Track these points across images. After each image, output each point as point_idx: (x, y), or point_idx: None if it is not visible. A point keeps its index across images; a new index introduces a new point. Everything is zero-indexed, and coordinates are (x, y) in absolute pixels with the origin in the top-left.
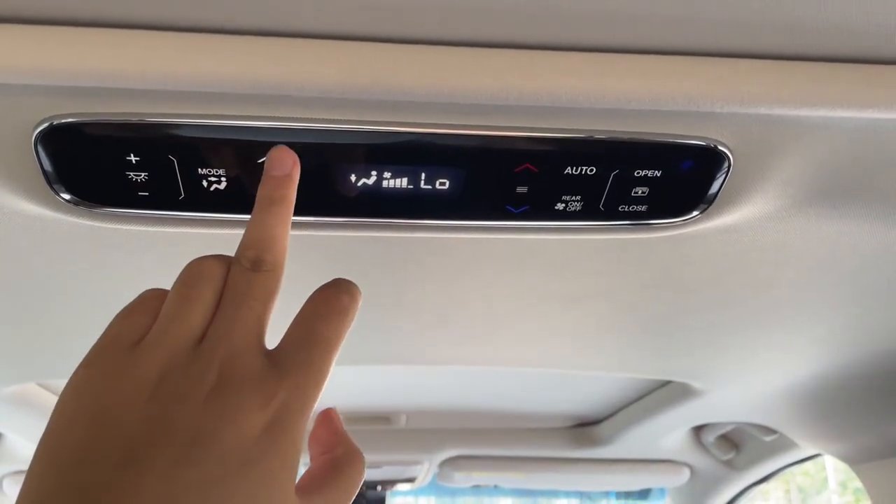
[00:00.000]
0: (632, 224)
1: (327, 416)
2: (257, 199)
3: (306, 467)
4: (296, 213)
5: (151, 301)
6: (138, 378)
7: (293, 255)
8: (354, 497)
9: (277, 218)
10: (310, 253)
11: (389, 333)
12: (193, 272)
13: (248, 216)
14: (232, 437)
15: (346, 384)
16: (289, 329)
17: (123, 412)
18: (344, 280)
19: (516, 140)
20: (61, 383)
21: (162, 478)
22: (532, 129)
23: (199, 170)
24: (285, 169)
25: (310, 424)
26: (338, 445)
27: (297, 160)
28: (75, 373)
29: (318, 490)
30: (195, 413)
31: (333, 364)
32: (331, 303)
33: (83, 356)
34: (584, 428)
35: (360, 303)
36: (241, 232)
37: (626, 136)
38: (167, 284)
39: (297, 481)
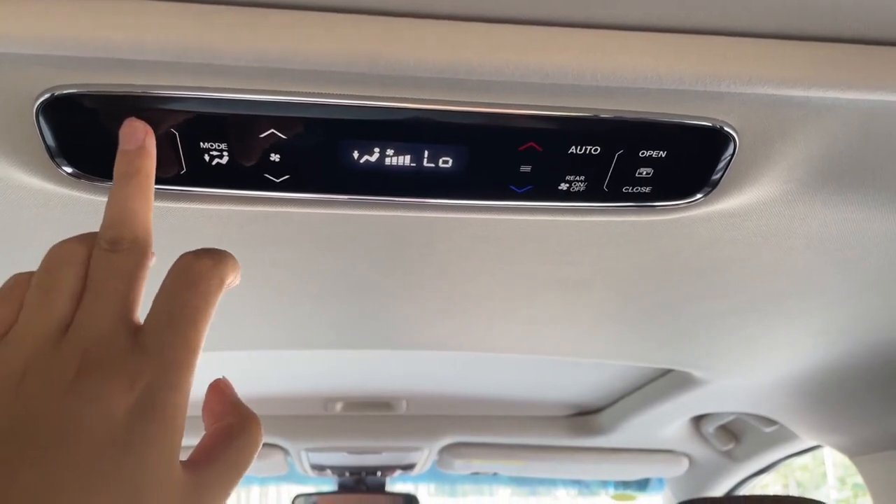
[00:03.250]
0: (635, 206)
1: (216, 386)
2: (114, 177)
3: None
4: (296, 189)
5: (17, 288)
6: (3, 376)
7: (294, 238)
8: (250, 463)
9: (134, 191)
10: (311, 234)
11: (391, 317)
12: (54, 258)
13: (251, 192)
14: (98, 422)
15: (347, 369)
16: (152, 305)
17: None
18: (206, 248)
19: (521, 118)
20: None
21: (33, 472)
22: (537, 107)
23: (202, 144)
24: (137, 141)
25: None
26: (228, 414)
27: (149, 131)
28: None
29: (206, 462)
30: (59, 403)
31: (205, 334)
32: (191, 268)
33: None
34: (585, 416)
35: (231, 266)
36: (242, 208)
37: (631, 116)
38: (168, 260)
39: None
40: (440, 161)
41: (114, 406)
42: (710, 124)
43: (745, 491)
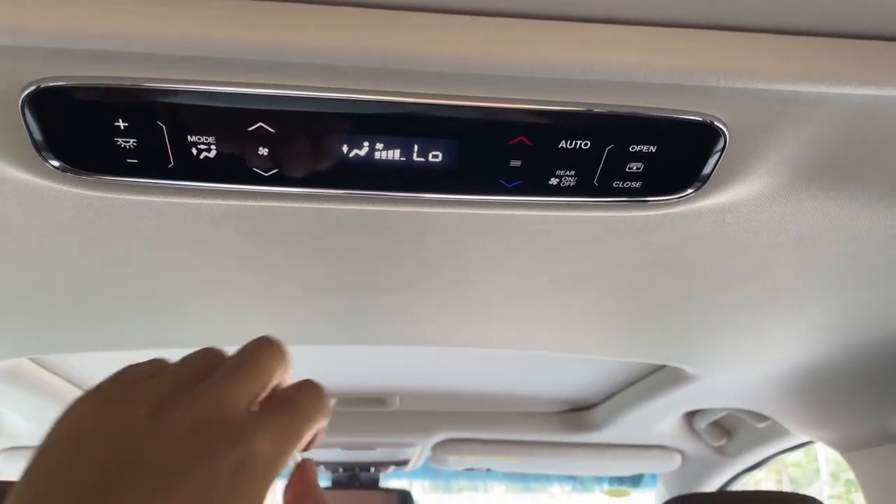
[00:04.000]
0: (626, 201)
1: (304, 466)
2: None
3: None
4: (285, 184)
5: (163, 361)
6: (130, 409)
7: (285, 233)
8: None
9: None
10: (302, 230)
11: (384, 313)
12: (201, 352)
13: (240, 186)
14: (201, 475)
15: (340, 365)
16: (273, 394)
17: (106, 441)
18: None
19: (510, 112)
20: (55, 359)
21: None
22: (526, 102)
23: (189, 137)
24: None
25: None
26: (309, 497)
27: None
28: (80, 398)
29: None
30: (171, 448)
31: (305, 438)
32: (315, 389)
33: (76, 330)
34: (578, 412)
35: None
36: (231, 203)
37: (621, 110)
38: (157, 256)
39: None
40: (430, 155)
41: (218, 465)
42: (700, 119)
43: (737, 487)
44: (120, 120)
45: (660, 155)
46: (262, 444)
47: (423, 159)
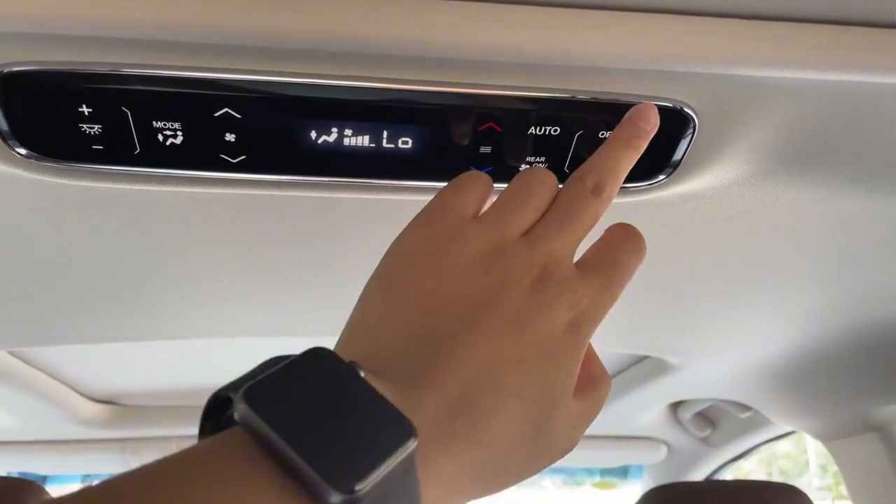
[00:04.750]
0: None
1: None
2: (614, 137)
3: None
4: (253, 171)
5: (482, 183)
6: (477, 247)
7: (258, 219)
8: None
9: (627, 160)
10: (274, 217)
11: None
12: (532, 175)
13: (208, 173)
14: (543, 326)
15: None
16: (594, 251)
17: (466, 276)
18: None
19: (479, 98)
20: (32, 351)
21: (489, 342)
22: (495, 87)
23: (154, 123)
24: (650, 124)
25: None
26: (593, 365)
27: (658, 122)
28: (416, 226)
29: (583, 395)
30: (521, 296)
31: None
32: (634, 239)
33: (51, 323)
34: None
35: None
36: (201, 190)
37: (589, 96)
38: (131, 244)
39: None
40: (399, 142)
41: (557, 319)
42: (669, 104)
43: (723, 477)
44: (84, 105)
45: None
46: (589, 305)
47: (392, 146)
